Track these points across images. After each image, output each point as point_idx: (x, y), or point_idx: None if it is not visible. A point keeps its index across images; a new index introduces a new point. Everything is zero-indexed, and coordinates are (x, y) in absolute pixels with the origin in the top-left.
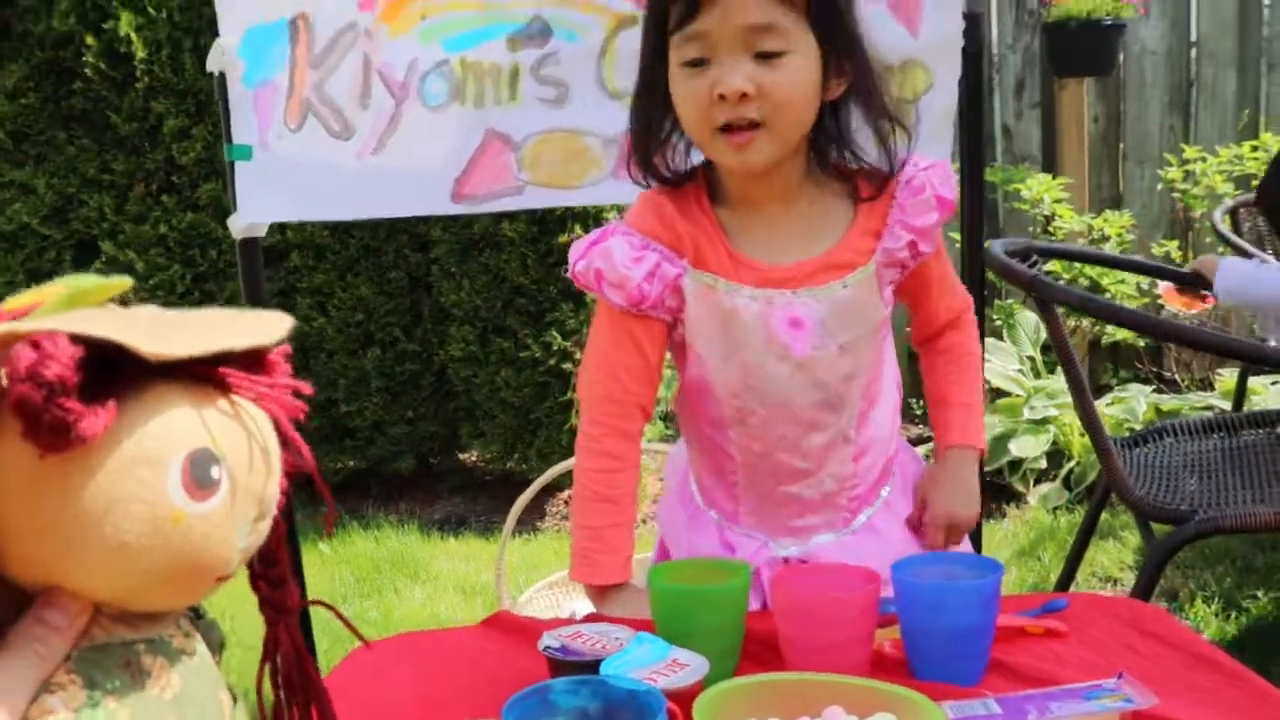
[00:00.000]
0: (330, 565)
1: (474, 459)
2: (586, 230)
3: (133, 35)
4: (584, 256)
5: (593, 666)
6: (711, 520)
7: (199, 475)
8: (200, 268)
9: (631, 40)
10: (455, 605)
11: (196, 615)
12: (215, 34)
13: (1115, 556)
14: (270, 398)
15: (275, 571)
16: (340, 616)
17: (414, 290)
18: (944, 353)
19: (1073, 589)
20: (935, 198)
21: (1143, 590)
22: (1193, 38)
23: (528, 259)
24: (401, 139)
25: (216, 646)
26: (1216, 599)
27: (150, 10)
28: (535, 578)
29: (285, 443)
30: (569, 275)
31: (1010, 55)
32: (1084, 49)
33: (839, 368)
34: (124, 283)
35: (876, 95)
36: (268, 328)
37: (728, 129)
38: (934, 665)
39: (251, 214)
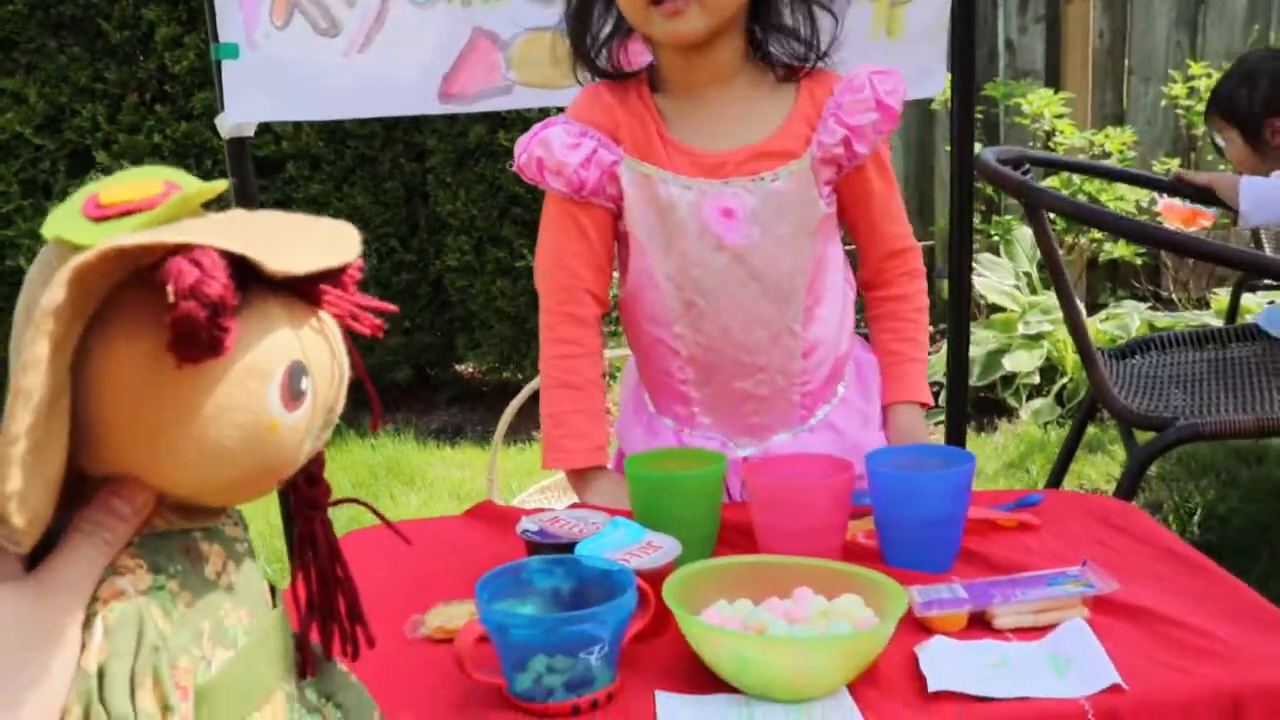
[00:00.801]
0: (327, 472)
1: (471, 370)
2: None
3: None
4: (525, 149)
5: (568, 549)
6: (667, 428)
7: (293, 387)
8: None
9: None
10: (450, 511)
11: None
12: None
13: (1102, 469)
14: (360, 316)
15: (312, 470)
16: (375, 511)
17: (410, 200)
18: (894, 301)
19: None
20: (875, 101)
21: (1124, 494)
22: None
23: None
24: (388, 36)
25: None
26: (1200, 510)
27: None
28: (529, 484)
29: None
30: (514, 170)
31: None
32: None
33: (778, 262)
34: (218, 186)
35: None
36: (346, 241)
37: (660, 1)
38: (905, 553)
39: (239, 113)
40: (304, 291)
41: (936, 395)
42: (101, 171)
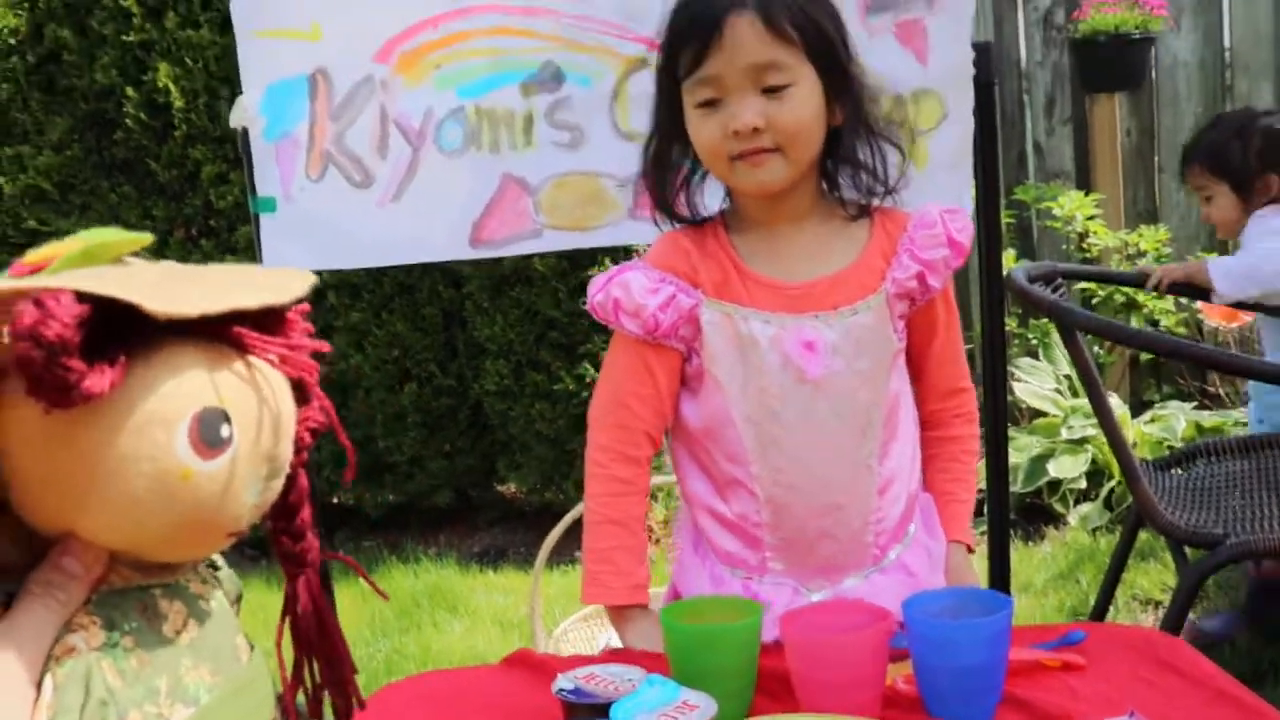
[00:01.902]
0: (370, 599)
1: (512, 491)
2: (616, 263)
3: (171, 86)
4: (602, 289)
5: (604, 709)
6: (736, 578)
7: (207, 435)
8: None
9: (642, 83)
10: (493, 639)
11: (213, 567)
12: None
13: (1156, 578)
14: (285, 358)
15: (295, 525)
16: (359, 570)
17: (448, 326)
18: (949, 443)
19: (1111, 612)
20: (947, 237)
21: (1174, 618)
22: (1227, 47)
23: (559, 293)
24: (420, 186)
25: (233, 598)
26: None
27: (187, 61)
28: (572, 609)
29: (308, 399)
30: (588, 308)
31: (1039, 72)
32: (1114, 64)
33: (857, 395)
34: (143, 238)
35: (873, 120)
36: (285, 285)
37: (742, 156)
38: (946, 703)
39: (277, 265)
40: (223, 337)
41: (980, 505)
42: None
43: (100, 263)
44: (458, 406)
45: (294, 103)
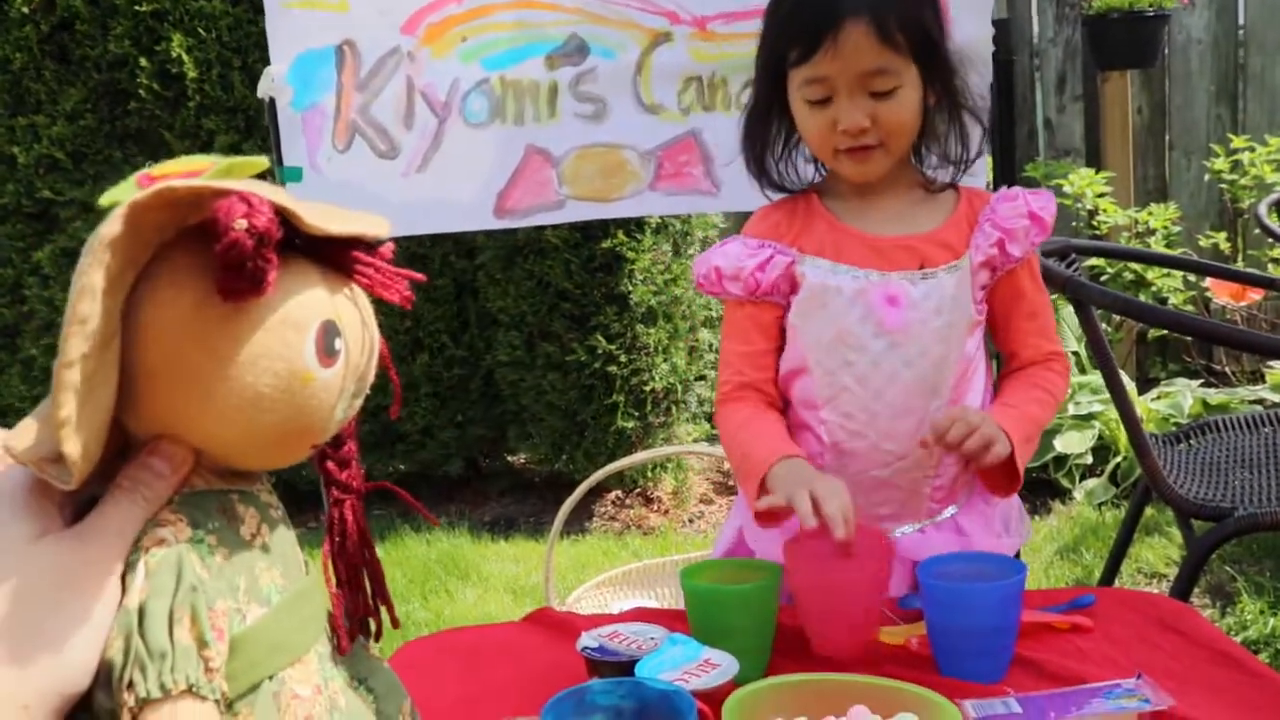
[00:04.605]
0: (383, 566)
1: (522, 461)
2: (629, 236)
3: (184, 56)
4: (705, 262)
5: (628, 666)
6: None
7: (327, 344)
8: None
9: (665, 56)
10: (505, 606)
11: None
12: (263, 53)
13: (1161, 552)
14: (389, 284)
15: (343, 453)
16: (407, 497)
17: (460, 297)
18: (1027, 376)
19: (1116, 584)
20: (1028, 211)
21: (1182, 589)
22: (1241, 25)
23: (571, 264)
24: (444, 156)
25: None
26: (1265, 595)
27: (200, 31)
28: (584, 578)
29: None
30: (695, 288)
31: (1051, 49)
32: (1126, 41)
33: (930, 351)
34: (261, 162)
35: (960, 95)
36: (379, 224)
37: (847, 151)
38: (957, 663)
39: None
40: (337, 261)
41: None
42: None
43: (237, 178)
44: (469, 377)
45: (321, 73)
